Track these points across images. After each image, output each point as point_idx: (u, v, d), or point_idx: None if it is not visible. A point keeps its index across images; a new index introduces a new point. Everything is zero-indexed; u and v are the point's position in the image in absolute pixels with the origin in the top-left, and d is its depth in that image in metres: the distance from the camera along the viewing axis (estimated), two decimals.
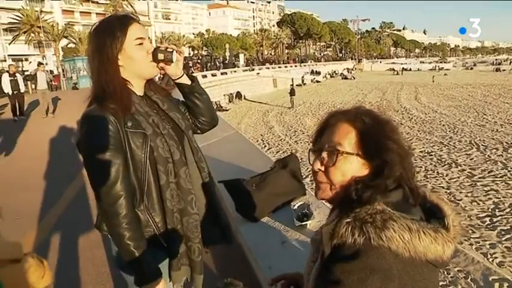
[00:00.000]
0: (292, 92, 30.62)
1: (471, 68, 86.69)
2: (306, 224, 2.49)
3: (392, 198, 1.00)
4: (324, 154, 1.07)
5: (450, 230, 0.97)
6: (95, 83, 1.52)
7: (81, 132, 1.46)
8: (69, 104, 14.74)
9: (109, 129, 1.42)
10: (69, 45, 48.63)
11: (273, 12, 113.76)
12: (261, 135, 20.50)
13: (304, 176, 3.83)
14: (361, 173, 1.04)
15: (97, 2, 66.43)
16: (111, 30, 1.48)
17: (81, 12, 68.33)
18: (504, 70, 70.57)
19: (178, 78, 1.65)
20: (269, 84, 46.72)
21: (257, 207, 2.69)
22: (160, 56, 1.52)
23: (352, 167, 1.04)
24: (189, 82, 1.68)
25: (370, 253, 0.90)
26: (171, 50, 1.54)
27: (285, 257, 2.19)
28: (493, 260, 7.01)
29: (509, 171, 12.34)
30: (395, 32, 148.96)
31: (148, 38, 1.59)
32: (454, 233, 0.98)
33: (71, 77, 30.88)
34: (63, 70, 33.98)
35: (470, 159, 13.92)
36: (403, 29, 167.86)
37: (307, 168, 11.19)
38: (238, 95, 37.38)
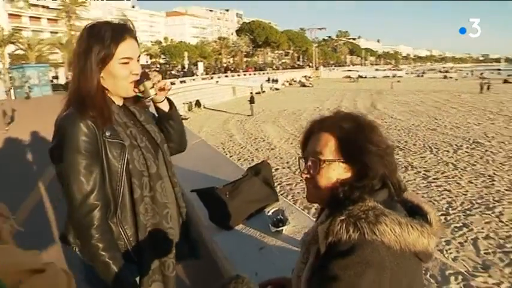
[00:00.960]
0: (251, 100, 30.75)
1: (422, 76, 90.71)
2: (282, 230, 2.51)
3: (379, 198, 1.05)
4: (309, 163, 1.15)
5: (433, 225, 1.05)
6: (74, 87, 1.47)
7: (58, 138, 1.41)
8: (22, 115, 14.03)
9: (87, 137, 1.38)
10: (16, 52, 46.14)
11: (232, 21, 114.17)
12: (222, 143, 20.43)
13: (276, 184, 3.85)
14: (345, 176, 1.10)
15: (47, 7, 63.41)
16: (103, 39, 1.42)
17: (30, 17, 65.07)
18: (451, 77, 74.58)
19: (157, 103, 1.65)
20: (228, 92, 46.75)
21: (231, 215, 2.69)
22: (141, 88, 1.51)
23: (335, 172, 1.11)
24: (167, 109, 1.68)
25: (364, 247, 0.95)
26: (152, 86, 1.53)
27: (263, 263, 2.19)
28: (448, 256, 7.36)
29: (459, 171, 13.00)
30: (350, 40, 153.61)
31: (139, 58, 1.53)
32: (436, 228, 1.05)
33: (21, 85, 29.46)
34: (10, 78, 32.36)
35: (425, 162, 14.53)
36: (358, 37, 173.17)
37: (276, 176, 11.31)
38: (198, 103, 37.11)
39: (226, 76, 55.52)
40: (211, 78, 49.64)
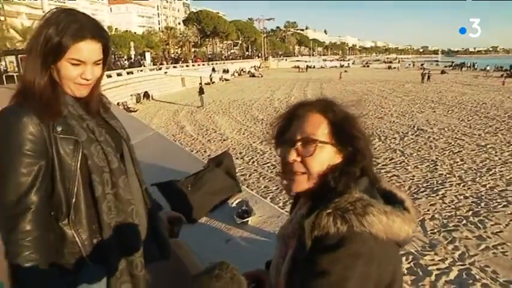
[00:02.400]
0: (201, 91, 30.32)
1: (368, 66, 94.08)
2: (248, 221, 2.48)
3: (361, 186, 1.04)
4: (299, 145, 1.08)
5: (411, 212, 1.05)
6: (21, 77, 1.35)
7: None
8: None
9: (33, 135, 1.26)
10: None
11: (179, 10, 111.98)
12: (173, 135, 20.01)
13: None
14: (335, 161, 1.08)
15: None
16: (59, 30, 1.28)
17: None
18: (395, 68, 77.96)
19: None
20: (177, 83, 45.97)
21: (194, 208, 2.62)
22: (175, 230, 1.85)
23: (327, 156, 1.07)
24: None
25: (353, 239, 0.93)
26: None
27: (231, 255, 2.15)
28: None
29: (406, 157, 13.60)
30: (298, 31, 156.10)
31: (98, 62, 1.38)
32: (414, 214, 1.06)
33: None
34: None
35: (374, 149, 14.99)
36: (306, 28, 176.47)
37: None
38: (146, 95, 36.18)
39: (175, 67, 54.53)
40: (160, 69, 48.52)
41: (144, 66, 49.93)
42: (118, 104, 26.52)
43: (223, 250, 2.23)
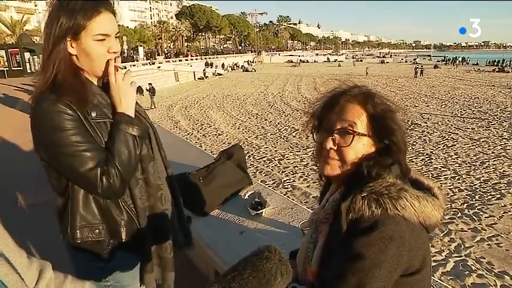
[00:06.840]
0: (152, 91, 28.64)
1: (361, 60, 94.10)
2: (262, 212, 2.51)
3: (394, 173, 1.08)
4: (336, 135, 1.11)
5: (439, 198, 1.09)
6: (44, 67, 1.31)
7: (40, 125, 1.26)
8: None
9: (65, 112, 1.25)
10: None
11: (171, 4, 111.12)
12: (168, 130, 19.96)
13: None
14: (369, 151, 1.11)
15: None
16: (73, 12, 1.27)
17: None
18: (388, 62, 78.14)
19: None
20: (170, 78, 45.61)
21: (206, 200, 2.64)
22: None
23: (363, 146, 1.10)
24: None
25: (387, 222, 0.97)
26: None
27: (246, 247, 2.17)
28: None
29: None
30: (291, 25, 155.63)
31: (117, 34, 1.39)
32: (442, 200, 1.10)
33: None
34: None
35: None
36: (299, 22, 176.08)
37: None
38: (140, 89, 35.85)
39: (168, 61, 54.18)
40: (153, 63, 48.11)
41: (137, 61, 49.49)
42: None
43: (238, 242, 2.25)
